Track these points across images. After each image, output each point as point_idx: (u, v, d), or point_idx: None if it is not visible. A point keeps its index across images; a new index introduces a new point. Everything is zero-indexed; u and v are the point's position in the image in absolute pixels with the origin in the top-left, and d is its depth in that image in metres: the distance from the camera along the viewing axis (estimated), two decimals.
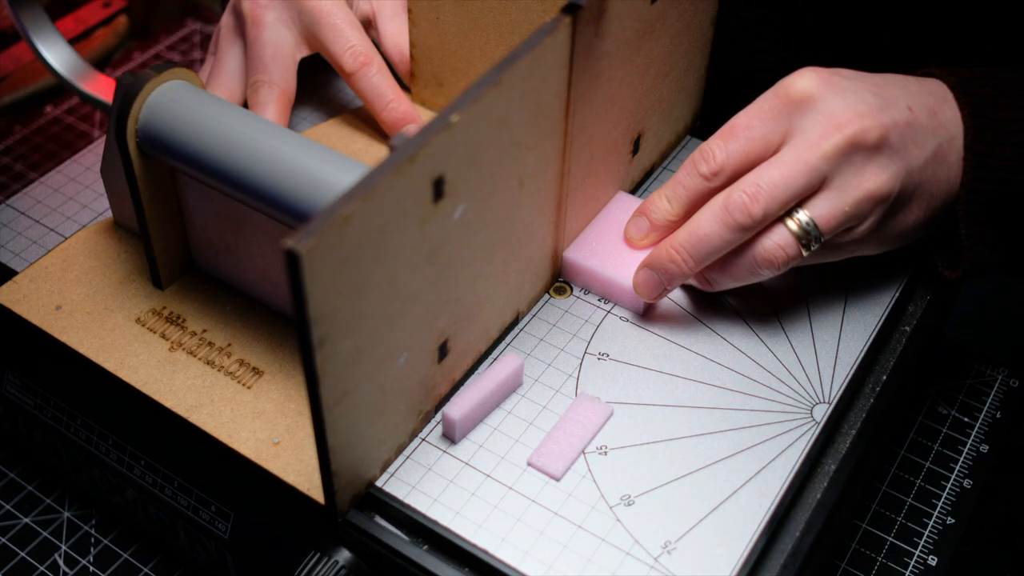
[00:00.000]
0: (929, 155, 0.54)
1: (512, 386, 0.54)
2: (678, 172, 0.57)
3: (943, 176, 0.55)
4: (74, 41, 0.91)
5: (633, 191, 0.65)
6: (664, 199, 0.57)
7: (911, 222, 0.56)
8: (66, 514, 0.64)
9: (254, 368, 0.57)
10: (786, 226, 0.53)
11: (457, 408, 0.52)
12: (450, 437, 0.53)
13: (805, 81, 0.54)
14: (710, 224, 0.54)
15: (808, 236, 0.53)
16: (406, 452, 0.52)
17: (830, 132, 0.53)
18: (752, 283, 0.56)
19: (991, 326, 0.75)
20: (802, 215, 0.53)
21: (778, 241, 0.54)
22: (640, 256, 0.58)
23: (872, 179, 0.53)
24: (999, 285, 0.77)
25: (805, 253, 0.54)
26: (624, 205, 0.62)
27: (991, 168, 0.55)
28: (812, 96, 0.53)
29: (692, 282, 0.58)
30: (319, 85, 0.73)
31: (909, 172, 0.54)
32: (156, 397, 0.55)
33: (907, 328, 0.59)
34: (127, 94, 0.54)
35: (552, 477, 0.51)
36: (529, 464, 0.52)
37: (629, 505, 0.50)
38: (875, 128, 0.53)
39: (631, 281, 0.58)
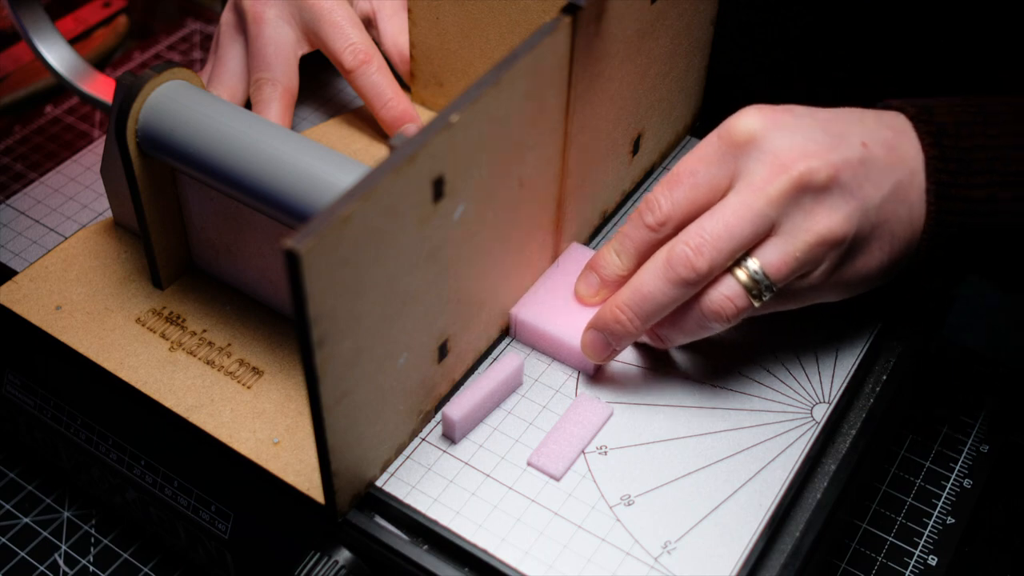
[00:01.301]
0: (887, 192, 0.51)
1: (512, 386, 0.54)
2: (625, 224, 0.54)
3: (904, 214, 0.52)
4: (74, 41, 0.91)
5: (633, 191, 0.65)
6: (613, 253, 0.54)
7: (873, 265, 0.53)
8: (66, 514, 0.64)
9: (254, 368, 0.57)
10: (735, 276, 0.51)
11: (457, 408, 0.52)
12: (450, 437, 0.53)
13: (749, 121, 0.51)
14: (654, 281, 0.51)
15: (758, 286, 0.50)
16: (406, 452, 0.52)
17: (775, 174, 0.50)
18: (704, 337, 0.53)
19: (991, 326, 0.75)
20: (751, 263, 0.50)
21: (726, 293, 0.51)
22: (590, 313, 0.55)
23: (823, 221, 0.50)
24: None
25: (756, 304, 0.51)
26: (577, 257, 0.59)
27: (956, 199, 0.52)
28: (756, 136, 0.51)
29: (644, 339, 0.55)
30: (319, 85, 0.73)
31: (865, 212, 0.51)
32: (156, 397, 0.55)
33: (907, 328, 0.59)
34: (127, 94, 0.54)
35: (552, 477, 0.51)
36: (529, 464, 0.52)
37: (629, 505, 0.50)
38: (823, 168, 0.50)
39: (579, 341, 0.55)
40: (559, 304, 0.57)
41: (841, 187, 0.50)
